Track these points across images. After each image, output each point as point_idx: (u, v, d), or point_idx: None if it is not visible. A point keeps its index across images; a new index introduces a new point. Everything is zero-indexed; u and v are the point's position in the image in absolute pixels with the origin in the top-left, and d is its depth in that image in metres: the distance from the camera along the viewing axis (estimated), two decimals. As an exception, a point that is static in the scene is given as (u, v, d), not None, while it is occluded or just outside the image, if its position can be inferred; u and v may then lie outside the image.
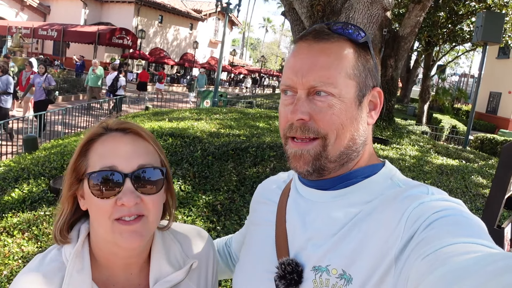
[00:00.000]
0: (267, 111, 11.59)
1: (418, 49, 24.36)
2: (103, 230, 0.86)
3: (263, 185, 1.12)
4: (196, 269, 1.00)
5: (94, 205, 0.85)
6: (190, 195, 4.29)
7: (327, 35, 0.84)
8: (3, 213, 3.98)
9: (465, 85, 46.88)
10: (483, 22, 9.77)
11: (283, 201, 0.96)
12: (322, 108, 0.80)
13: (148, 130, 0.94)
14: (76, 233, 0.92)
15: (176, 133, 6.15)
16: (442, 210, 0.69)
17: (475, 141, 15.65)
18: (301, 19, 5.30)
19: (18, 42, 20.93)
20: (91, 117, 12.42)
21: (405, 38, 10.51)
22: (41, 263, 0.88)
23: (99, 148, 0.88)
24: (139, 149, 0.88)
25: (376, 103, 0.88)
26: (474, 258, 0.55)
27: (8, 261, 3.22)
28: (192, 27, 38.45)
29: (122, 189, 0.83)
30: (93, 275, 0.88)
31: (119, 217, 0.83)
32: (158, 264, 0.94)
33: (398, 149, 7.29)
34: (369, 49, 0.86)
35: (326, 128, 0.81)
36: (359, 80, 0.83)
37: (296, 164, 0.85)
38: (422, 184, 0.80)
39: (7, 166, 5.62)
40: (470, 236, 0.62)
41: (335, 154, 0.82)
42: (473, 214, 0.71)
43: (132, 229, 0.84)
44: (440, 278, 0.54)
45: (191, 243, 1.05)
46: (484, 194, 5.22)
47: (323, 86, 0.80)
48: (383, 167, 0.88)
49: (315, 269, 0.79)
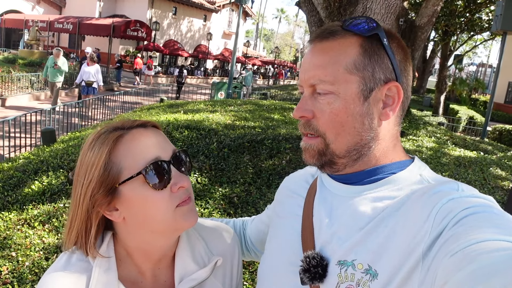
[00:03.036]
0: (282, 103, 11.54)
1: (435, 39, 23.97)
2: (163, 224, 0.86)
3: (290, 179, 1.12)
4: (221, 266, 1.00)
5: (151, 203, 0.84)
6: (207, 187, 4.31)
7: (333, 32, 0.84)
8: (23, 205, 4.06)
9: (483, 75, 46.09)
10: (503, 11, 9.55)
11: (310, 195, 0.96)
12: (322, 107, 0.82)
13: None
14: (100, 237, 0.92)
15: (191, 126, 6.17)
16: (472, 206, 0.68)
17: (493, 132, 15.39)
18: (317, 10, 5.25)
19: (35, 35, 21.23)
20: (107, 109, 12.54)
21: (422, 28, 10.31)
22: (68, 262, 0.88)
23: (129, 146, 0.85)
24: (164, 138, 0.91)
25: (394, 97, 0.84)
26: (504, 255, 0.54)
27: (30, 252, 3.29)
28: (206, 18, 38.44)
29: (172, 175, 0.86)
30: (119, 274, 0.88)
31: (179, 202, 0.86)
32: (183, 262, 0.95)
33: (415, 141, 7.21)
34: (381, 41, 0.83)
35: (324, 127, 0.83)
36: (364, 75, 0.81)
37: (305, 156, 0.89)
38: (452, 181, 0.78)
39: (26, 158, 5.72)
40: (500, 234, 0.60)
41: (341, 150, 0.83)
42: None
43: (191, 208, 0.89)
44: (468, 275, 0.53)
45: (215, 239, 1.05)
46: (503, 187, 5.14)
47: (320, 84, 0.82)
48: (412, 163, 0.87)
49: (340, 264, 0.79)
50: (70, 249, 0.90)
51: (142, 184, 0.83)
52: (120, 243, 0.92)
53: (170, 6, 34.09)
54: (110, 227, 0.92)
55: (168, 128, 5.98)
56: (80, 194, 0.85)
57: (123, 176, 0.83)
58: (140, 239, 0.90)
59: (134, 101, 15.68)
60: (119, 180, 0.83)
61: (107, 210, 0.86)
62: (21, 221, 3.76)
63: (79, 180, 0.85)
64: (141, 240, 0.90)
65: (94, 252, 0.87)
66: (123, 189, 0.84)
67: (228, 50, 39.70)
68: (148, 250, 0.91)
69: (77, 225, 0.86)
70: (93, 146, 0.85)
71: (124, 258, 0.92)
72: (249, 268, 3.10)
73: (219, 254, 1.02)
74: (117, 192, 0.84)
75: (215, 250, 1.02)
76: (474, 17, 18.46)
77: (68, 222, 0.89)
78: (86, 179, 0.84)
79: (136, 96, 16.30)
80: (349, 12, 4.68)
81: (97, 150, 0.84)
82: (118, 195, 0.84)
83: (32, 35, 21.22)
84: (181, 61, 36.09)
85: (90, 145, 0.86)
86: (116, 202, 0.85)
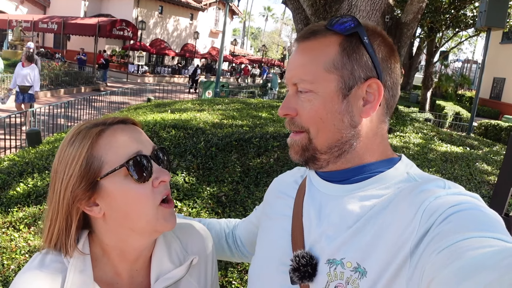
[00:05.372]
0: (269, 101, 11.55)
1: (421, 36, 24.15)
2: (144, 220, 0.86)
3: (279, 180, 1.12)
4: (196, 265, 1.01)
5: (133, 197, 0.84)
6: (195, 187, 4.29)
7: (314, 32, 0.86)
8: (8, 208, 3.99)
9: (468, 71, 46.65)
10: (487, 7, 9.66)
11: (300, 195, 0.97)
12: (304, 104, 0.85)
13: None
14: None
15: (179, 125, 6.14)
16: (458, 204, 0.69)
17: (479, 127, 15.59)
18: (303, 8, 5.25)
19: (18, 35, 20.97)
20: (94, 110, 12.42)
21: (408, 25, 10.35)
22: (42, 263, 0.86)
23: (111, 141, 0.85)
24: (144, 135, 0.92)
25: (374, 94, 0.84)
26: (490, 252, 0.55)
27: (15, 255, 3.24)
28: (193, 17, 38.28)
29: (153, 170, 0.87)
30: (94, 275, 0.87)
31: (161, 198, 0.87)
32: (160, 261, 0.95)
33: (402, 137, 7.26)
34: (361, 39, 0.83)
35: (307, 123, 0.85)
36: (342, 73, 0.82)
37: (290, 153, 0.91)
38: (439, 178, 0.79)
39: (11, 160, 5.63)
40: (486, 230, 0.61)
41: (322, 146, 0.85)
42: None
43: (172, 211, 0.90)
44: (455, 272, 0.54)
45: (190, 238, 1.05)
46: (489, 181, 5.20)
47: (300, 83, 0.84)
48: (399, 161, 0.88)
49: (329, 262, 0.79)
50: (44, 250, 0.88)
51: (124, 177, 0.84)
52: (96, 242, 0.91)
53: (156, 5, 33.85)
54: (86, 226, 0.91)
55: (155, 128, 5.94)
56: (60, 190, 0.84)
57: (105, 170, 0.83)
58: (118, 237, 0.89)
59: (121, 101, 15.58)
60: (100, 174, 0.83)
61: (87, 205, 0.85)
62: (6, 223, 3.70)
63: (58, 176, 0.84)
64: (119, 239, 0.89)
65: (75, 250, 0.86)
66: (105, 183, 0.84)
67: (215, 49, 39.57)
68: (125, 250, 0.91)
69: (58, 222, 0.85)
70: (73, 141, 0.85)
71: (100, 258, 0.91)
72: (238, 267, 3.09)
73: (195, 253, 1.02)
74: (98, 186, 0.84)
75: (190, 249, 1.03)
76: (459, 13, 18.63)
77: (48, 221, 0.87)
78: (66, 175, 0.83)
79: (123, 96, 16.19)
80: (335, 9, 4.68)
81: (78, 144, 0.83)
82: (99, 189, 0.84)
83: (16, 35, 20.95)
84: (168, 60, 35.96)
85: (70, 141, 0.85)
86: (96, 197, 0.85)
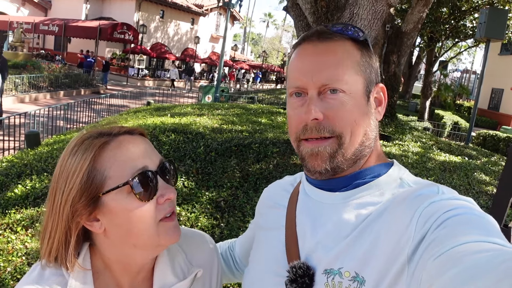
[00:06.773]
0: (269, 107, 11.56)
1: (421, 45, 24.26)
2: (146, 237, 0.82)
3: (269, 189, 1.10)
4: (200, 278, 0.97)
5: (135, 215, 0.80)
6: (194, 191, 4.28)
7: (330, 34, 0.85)
8: (6, 210, 3.98)
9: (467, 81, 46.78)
10: (486, 19, 9.70)
11: (292, 204, 0.95)
12: (335, 106, 0.81)
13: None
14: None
15: (178, 129, 6.14)
16: (453, 209, 0.68)
17: (477, 137, 15.61)
18: (305, 15, 5.28)
19: (19, 37, 20.99)
20: (93, 112, 12.41)
21: (408, 34, 10.44)
22: (41, 276, 0.82)
23: (116, 154, 0.80)
24: (151, 147, 0.87)
25: (381, 99, 0.89)
26: (487, 256, 0.54)
27: (12, 257, 3.22)
28: (194, 22, 38.35)
29: (158, 186, 0.83)
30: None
31: (163, 216, 0.83)
32: (163, 275, 0.91)
33: (401, 146, 7.27)
34: (369, 46, 0.87)
35: (341, 126, 0.81)
36: (365, 76, 0.84)
37: (314, 162, 0.84)
38: (433, 183, 0.79)
39: (9, 162, 5.62)
40: (482, 235, 0.61)
41: (350, 151, 0.83)
42: None
43: (175, 224, 0.86)
44: (453, 278, 0.54)
45: (195, 250, 1.01)
46: (487, 191, 5.21)
47: (334, 83, 0.81)
48: (392, 167, 0.88)
49: (326, 272, 0.78)
50: (43, 261, 0.83)
51: (127, 194, 0.79)
52: (97, 255, 0.87)
53: (157, 9, 33.92)
54: (87, 238, 0.86)
55: (154, 132, 5.94)
56: (60, 202, 0.79)
57: (107, 185, 0.79)
58: (120, 252, 0.85)
59: (120, 104, 15.56)
60: (102, 189, 0.79)
61: (88, 220, 0.81)
62: (4, 225, 3.69)
63: (58, 186, 0.80)
64: (121, 253, 0.86)
65: (75, 265, 0.82)
66: (106, 199, 0.79)
67: (215, 54, 39.62)
68: (128, 263, 0.88)
69: (57, 236, 0.80)
70: (75, 152, 0.80)
71: (102, 271, 0.87)
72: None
73: (199, 265, 0.98)
74: (100, 202, 0.79)
75: (195, 261, 0.99)
76: (458, 24, 18.74)
77: (46, 233, 0.82)
78: (66, 187, 0.78)
79: (122, 99, 16.18)
80: (336, 17, 4.71)
81: (80, 156, 0.79)
82: (100, 205, 0.79)
83: (17, 37, 20.97)
84: (168, 64, 35.98)
85: (72, 151, 0.81)
86: (97, 213, 0.80)
